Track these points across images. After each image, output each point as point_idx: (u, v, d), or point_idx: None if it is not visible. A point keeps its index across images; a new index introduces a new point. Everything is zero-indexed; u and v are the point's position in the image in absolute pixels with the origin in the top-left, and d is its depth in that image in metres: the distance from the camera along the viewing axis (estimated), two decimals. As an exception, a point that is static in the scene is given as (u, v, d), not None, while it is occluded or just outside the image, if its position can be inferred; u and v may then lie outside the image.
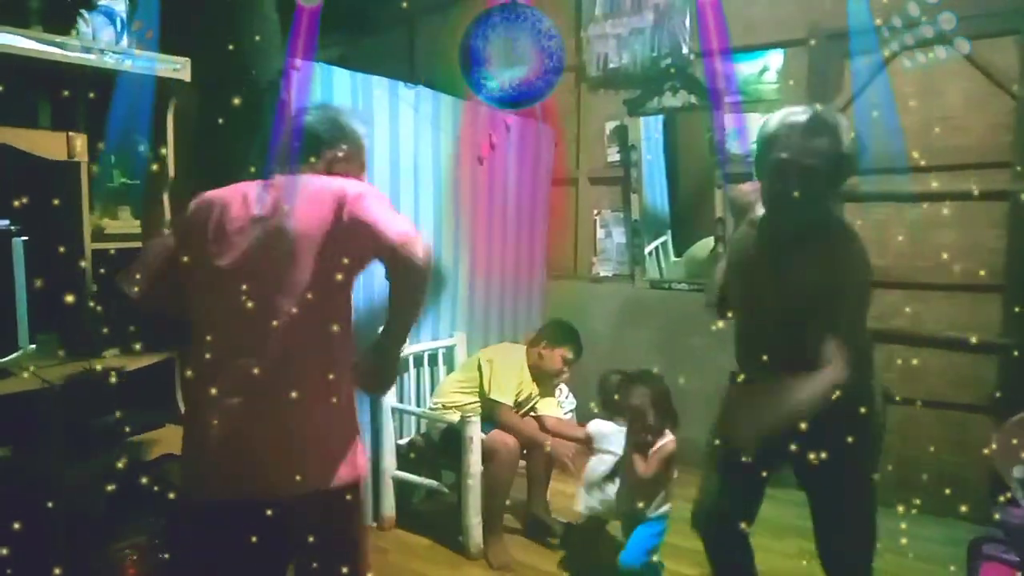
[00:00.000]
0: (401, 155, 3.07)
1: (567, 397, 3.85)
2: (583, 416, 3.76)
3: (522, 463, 2.94)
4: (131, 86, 2.07)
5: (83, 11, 2.07)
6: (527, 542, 2.94)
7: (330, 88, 2.71)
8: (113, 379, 1.92)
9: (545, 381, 3.11)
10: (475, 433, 2.76)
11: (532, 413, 3.08)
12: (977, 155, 3.09)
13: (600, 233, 4.15)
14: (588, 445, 2.72)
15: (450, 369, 3.35)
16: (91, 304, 2.02)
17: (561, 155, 4.20)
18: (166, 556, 2.08)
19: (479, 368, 3.01)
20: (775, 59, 3.51)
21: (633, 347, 3.81)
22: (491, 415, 2.89)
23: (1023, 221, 2.99)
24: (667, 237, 4.11)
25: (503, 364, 2.97)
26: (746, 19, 3.52)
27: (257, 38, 2.53)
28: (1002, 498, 2.50)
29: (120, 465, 1.95)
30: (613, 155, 4.03)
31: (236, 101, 2.42)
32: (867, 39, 3.25)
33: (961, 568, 2.42)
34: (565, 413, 3.76)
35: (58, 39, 1.93)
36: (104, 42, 2.06)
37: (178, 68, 2.18)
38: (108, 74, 2.04)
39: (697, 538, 2.01)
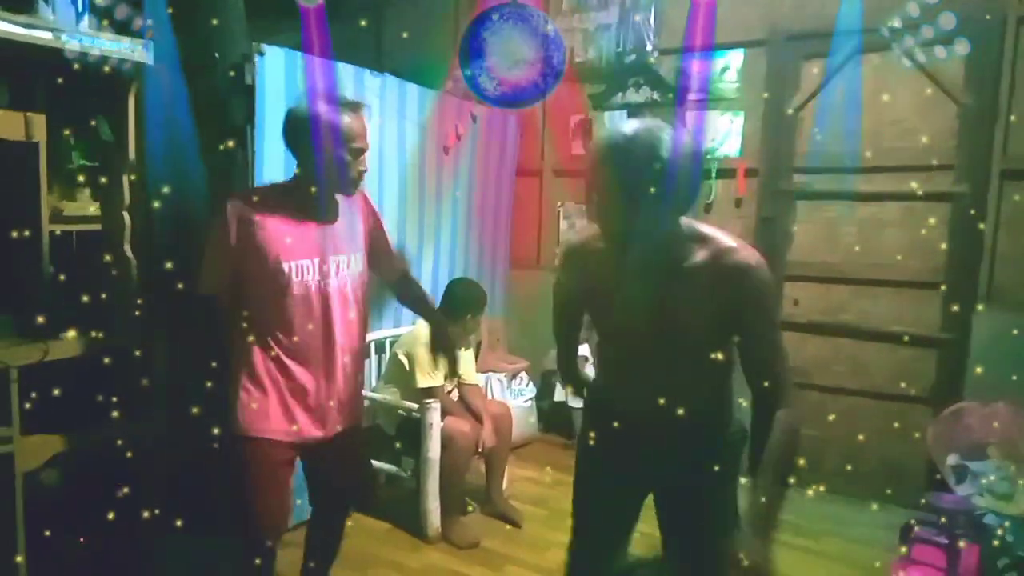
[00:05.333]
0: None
1: (527, 385, 3.93)
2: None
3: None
4: (92, 67, 2.05)
5: (43, -10, 2.04)
6: (486, 522, 3.02)
7: (294, 74, 2.71)
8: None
9: (464, 341, 3.13)
10: (435, 420, 2.81)
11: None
12: (924, 158, 3.22)
13: (563, 225, 4.21)
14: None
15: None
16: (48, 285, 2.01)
17: (526, 147, 4.25)
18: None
19: (397, 363, 3.02)
20: (736, 58, 3.60)
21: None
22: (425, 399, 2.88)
23: (963, 222, 3.12)
24: (629, 230, 4.18)
25: (422, 350, 2.91)
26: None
27: (221, 21, 2.52)
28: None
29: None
30: (577, 148, 4.08)
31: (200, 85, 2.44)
32: (824, 42, 3.36)
33: (896, 550, 2.54)
34: (525, 401, 3.85)
35: (16, 18, 1.90)
36: (64, 22, 2.04)
37: (140, 50, 2.17)
38: (68, 54, 2.02)
39: None
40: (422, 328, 3.08)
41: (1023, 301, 3.02)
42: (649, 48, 3.77)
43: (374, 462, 3.05)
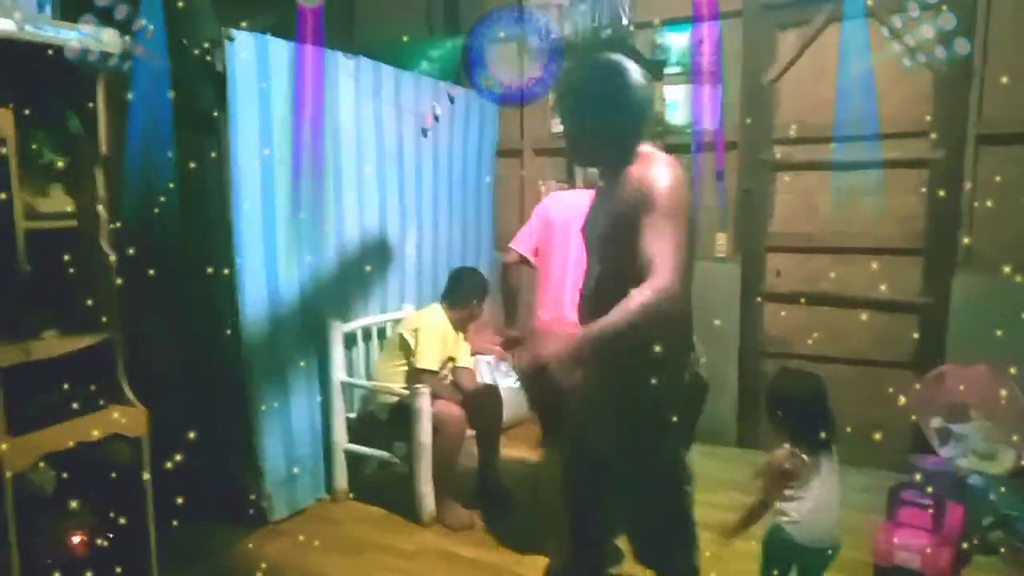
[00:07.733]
0: (342, 127, 3.04)
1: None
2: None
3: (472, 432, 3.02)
4: (62, 59, 1.99)
5: (2, -21, 1.97)
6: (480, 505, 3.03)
7: (266, 59, 2.66)
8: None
9: (467, 327, 3.19)
10: (425, 404, 2.81)
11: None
12: (899, 125, 3.24)
13: (545, 203, 4.18)
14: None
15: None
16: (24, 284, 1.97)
17: (505, 126, 4.22)
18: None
19: (403, 341, 3.02)
20: (711, 30, 3.58)
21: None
22: (418, 382, 2.88)
23: (940, 187, 3.15)
24: (610, 206, 4.19)
25: (427, 333, 2.97)
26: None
27: (187, 5, 2.45)
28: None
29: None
30: (557, 126, 4.06)
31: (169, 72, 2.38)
32: (800, 11, 3.35)
33: (882, 513, 2.59)
34: (514, 382, 3.86)
35: (-24, 9, 1.84)
36: (26, 12, 1.97)
37: (106, 40, 2.10)
38: (34, 46, 1.96)
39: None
40: (431, 312, 3.08)
41: (1000, 263, 3.06)
42: (625, 22, 3.74)
43: (365, 448, 3.06)
